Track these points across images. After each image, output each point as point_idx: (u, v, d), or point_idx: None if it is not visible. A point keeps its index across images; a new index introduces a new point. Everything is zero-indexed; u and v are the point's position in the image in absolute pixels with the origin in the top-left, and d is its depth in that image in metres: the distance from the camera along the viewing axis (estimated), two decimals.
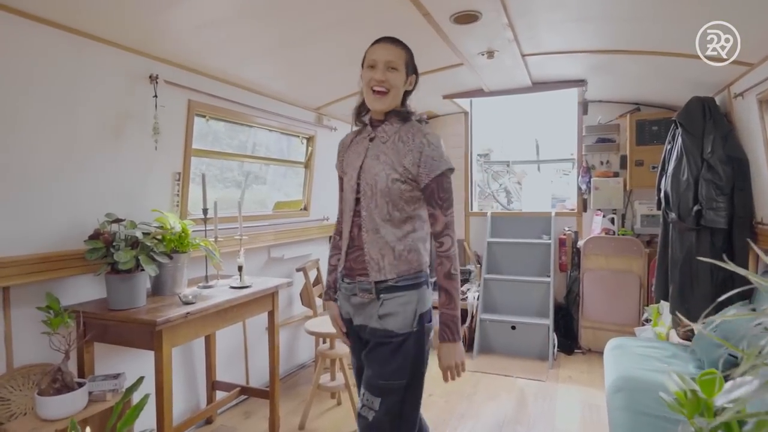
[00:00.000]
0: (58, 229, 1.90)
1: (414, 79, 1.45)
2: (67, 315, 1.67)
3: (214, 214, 2.42)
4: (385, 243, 1.38)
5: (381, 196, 1.37)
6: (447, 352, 1.37)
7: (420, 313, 1.38)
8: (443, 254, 1.37)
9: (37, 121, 1.77)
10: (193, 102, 2.40)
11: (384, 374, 1.35)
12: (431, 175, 1.35)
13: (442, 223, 1.37)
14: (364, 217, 1.40)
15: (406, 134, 1.39)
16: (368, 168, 1.41)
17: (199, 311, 1.93)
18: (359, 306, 1.44)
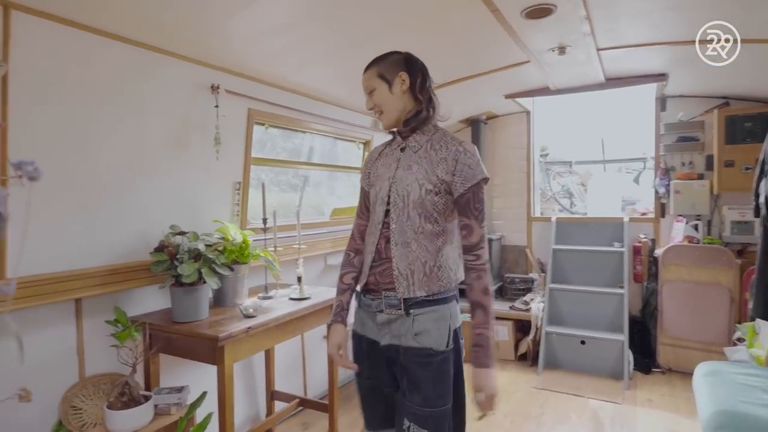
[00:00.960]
0: (127, 241, 1.93)
1: (405, 75, 1.35)
2: (134, 328, 1.67)
3: (273, 223, 2.39)
4: (416, 258, 1.30)
5: (413, 207, 1.30)
6: (486, 378, 1.25)
7: (454, 329, 1.31)
8: (480, 267, 1.28)
9: (108, 134, 1.79)
10: (252, 110, 2.38)
11: (430, 400, 1.26)
12: (467, 184, 1.28)
13: (477, 234, 1.29)
14: (394, 229, 1.32)
15: (439, 142, 1.33)
16: (400, 179, 1.34)
17: (259, 325, 1.89)
18: (386, 324, 1.33)
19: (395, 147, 1.42)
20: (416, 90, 1.35)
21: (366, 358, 1.40)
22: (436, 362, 1.26)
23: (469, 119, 4.23)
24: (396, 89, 1.35)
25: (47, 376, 1.73)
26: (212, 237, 2.09)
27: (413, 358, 1.28)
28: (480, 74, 2.95)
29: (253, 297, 2.31)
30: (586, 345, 3.50)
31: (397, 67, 1.35)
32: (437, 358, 1.26)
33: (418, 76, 1.36)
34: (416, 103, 1.36)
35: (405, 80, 1.35)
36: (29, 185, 1.53)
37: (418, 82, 1.35)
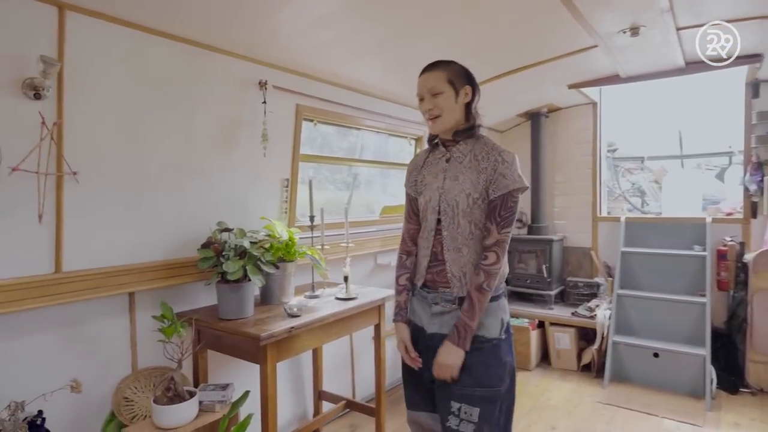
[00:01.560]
0: (177, 237, 1.95)
1: (470, 89, 1.43)
2: (179, 324, 1.67)
3: (321, 220, 2.34)
4: (467, 261, 1.40)
5: (462, 216, 1.40)
6: (447, 351, 1.36)
7: (506, 322, 1.43)
8: (484, 267, 1.36)
9: (158, 132, 1.82)
10: (301, 106, 2.35)
11: (482, 380, 1.36)
12: (497, 192, 1.37)
13: (493, 238, 1.37)
14: (446, 236, 1.43)
15: (481, 152, 1.40)
16: (449, 189, 1.43)
17: (303, 325, 1.84)
18: (438, 315, 1.44)
19: (440, 157, 1.49)
20: (472, 106, 1.44)
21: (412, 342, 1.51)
22: (489, 347, 1.38)
23: (529, 112, 4.00)
24: (460, 100, 1.41)
25: (104, 368, 1.78)
26: (259, 234, 2.07)
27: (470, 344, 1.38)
28: (540, 63, 2.75)
29: (299, 295, 2.28)
30: (660, 358, 3.17)
31: (464, 79, 1.42)
32: (489, 343, 1.38)
33: (477, 94, 1.45)
34: (468, 118, 1.44)
35: (468, 94, 1.42)
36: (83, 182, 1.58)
37: (476, 99, 1.45)
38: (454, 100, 1.40)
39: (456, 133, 1.43)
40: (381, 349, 2.38)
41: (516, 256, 4.01)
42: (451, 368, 1.35)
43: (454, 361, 1.35)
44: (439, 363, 1.36)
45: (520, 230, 4.14)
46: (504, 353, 1.40)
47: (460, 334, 1.35)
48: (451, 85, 1.39)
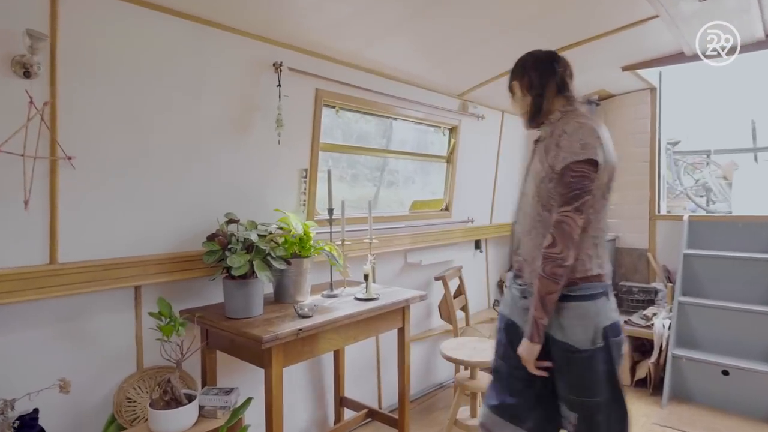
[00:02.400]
0: (184, 228, 1.83)
1: (516, 83, 1.51)
2: (178, 322, 1.55)
3: (341, 214, 2.17)
4: (534, 246, 1.37)
5: (533, 196, 1.39)
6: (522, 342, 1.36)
7: (603, 327, 1.30)
8: (542, 251, 1.31)
9: (162, 116, 1.70)
10: (320, 91, 2.18)
11: (574, 388, 1.33)
12: (556, 168, 1.31)
13: (553, 218, 1.31)
14: (520, 218, 1.46)
15: (558, 128, 1.36)
16: (530, 169, 1.45)
17: (313, 327, 1.67)
18: (526, 310, 1.40)
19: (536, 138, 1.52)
20: (526, 92, 1.48)
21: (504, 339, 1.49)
22: (580, 359, 1.30)
23: None
24: (516, 97, 1.53)
25: (106, 366, 1.69)
26: (270, 227, 1.92)
27: (558, 349, 1.34)
28: (589, 39, 2.44)
29: (317, 294, 2.11)
30: (731, 377, 2.77)
31: (513, 77, 1.53)
32: (581, 355, 1.29)
33: (525, 78, 1.48)
34: (529, 104, 1.48)
35: (516, 90, 1.52)
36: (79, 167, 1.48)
37: (526, 82, 1.48)
38: (512, 101, 1.56)
39: (530, 123, 1.50)
40: (405, 354, 2.18)
41: None
42: (526, 362, 1.35)
43: (525, 354, 1.34)
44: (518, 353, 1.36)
45: None
46: (599, 363, 1.30)
47: (529, 327, 1.33)
48: (510, 91, 1.56)
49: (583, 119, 1.32)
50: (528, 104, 1.47)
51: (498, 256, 3.91)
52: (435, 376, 3.19)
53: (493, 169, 3.57)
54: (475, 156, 3.34)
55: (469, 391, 2.26)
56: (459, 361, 2.22)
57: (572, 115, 1.37)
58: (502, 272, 3.94)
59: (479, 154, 3.38)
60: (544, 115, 1.44)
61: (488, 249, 3.78)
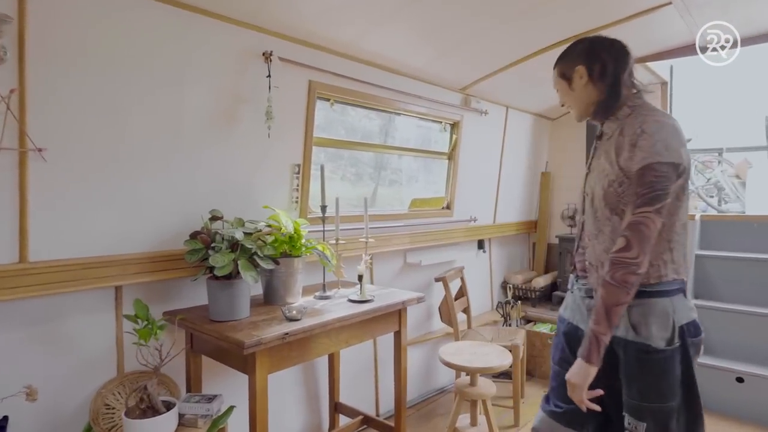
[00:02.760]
0: (167, 226, 1.74)
1: (582, 68, 1.31)
2: (156, 325, 1.45)
3: (336, 212, 2.07)
4: (604, 250, 1.27)
5: (599, 199, 1.28)
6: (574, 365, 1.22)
7: (680, 325, 1.21)
8: (611, 255, 1.19)
9: (142, 107, 1.61)
10: (314, 83, 2.08)
11: (646, 395, 1.21)
12: (631, 169, 1.18)
13: (627, 221, 1.19)
14: (585, 221, 1.37)
15: (629, 126, 1.23)
16: (593, 169, 1.34)
17: (301, 331, 1.57)
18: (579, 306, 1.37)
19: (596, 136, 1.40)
20: (596, 79, 1.30)
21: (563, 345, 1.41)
22: (655, 360, 1.19)
23: None
24: (576, 85, 1.33)
25: (84, 370, 1.60)
26: (258, 224, 1.82)
27: (630, 351, 1.23)
28: (597, 29, 2.32)
29: (309, 296, 2.02)
30: (745, 384, 2.64)
31: (576, 60, 1.32)
32: (656, 356, 1.19)
33: (598, 65, 1.30)
34: (598, 93, 1.30)
35: (583, 74, 1.31)
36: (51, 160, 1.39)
37: (597, 70, 1.30)
38: (569, 89, 1.34)
39: (594, 114, 1.34)
40: (402, 359, 2.08)
41: (568, 258, 3.55)
42: (575, 388, 1.20)
43: (577, 380, 1.19)
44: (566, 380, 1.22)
45: (573, 229, 3.68)
46: (676, 364, 1.19)
47: (586, 343, 1.19)
48: (563, 78, 1.35)
49: (661, 117, 1.20)
50: (597, 94, 1.30)
51: (502, 256, 3.79)
52: (435, 381, 3.08)
53: (497, 166, 3.45)
54: (478, 153, 3.23)
55: (469, 398, 2.15)
56: (458, 367, 2.11)
57: (643, 110, 1.24)
58: (507, 273, 3.82)
59: (482, 151, 3.27)
60: (607, 111, 1.30)
61: (492, 249, 3.66)
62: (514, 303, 3.42)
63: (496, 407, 2.71)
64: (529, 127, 3.70)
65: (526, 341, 3.23)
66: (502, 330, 2.96)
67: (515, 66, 2.67)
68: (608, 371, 1.27)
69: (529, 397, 2.98)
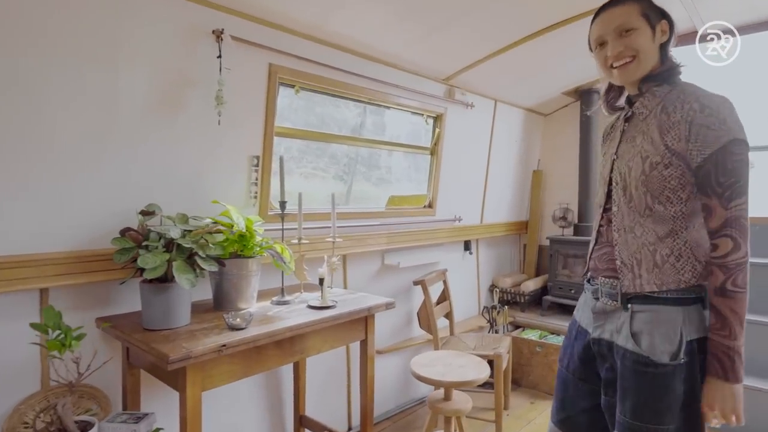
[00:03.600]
0: (97, 222, 1.56)
1: (666, 25, 1.14)
2: (72, 335, 1.26)
3: (299, 209, 1.88)
4: (642, 245, 1.12)
5: (637, 186, 1.13)
6: (713, 390, 1.05)
7: (690, 339, 1.07)
8: (717, 261, 1.05)
9: (68, 89, 1.42)
10: (275, 66, 1.90)
11: (640, 414, 1.08)
12: (705, 152, 1.03)
13: (720, 217, 1.05)
14: (615, 212, 1.19)
15: (673, 103, 1.09)
16: (623, 153, 1.18)
17: (242, 342, 1.38)
18: (601, 314, 1.20)
19: (622, 116, 1.24)
20: (669, 46, 1.15)
21: (571, 348, 1.30)
22: (654, 375, 1.07)
23: (578, 89, 3.35)
24: (657, 38, 1.13)
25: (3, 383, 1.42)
26: (204, 221, 1.64)
27: (627, 362, 1.11)
28: (589, 12, 2.14)
29: (266, 300, 1.83)
30: None
31: (659, 13, 1.15)
32: (657, 370, 1.06)
33: (674, 31, 1.16)
34: (663, 63, 1.14)
35: (666, 31, 1.14)
36: None
37: (674, 37, 1.16)
38: (651, 38, 1.12)
39: (644, 81, 1.14)
40: (369, 369, 1.89)
41: (560, 260, 3.36)
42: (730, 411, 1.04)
43: (726, 404, 1.03)
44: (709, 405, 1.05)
45: (564, 230, 3.49)
46: (678, 382, 1.06)
47: (722, 362, 1.03)
48: (647, 21, 1.12)
49: (715, 93, 1.07)
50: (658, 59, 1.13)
51: (490, 258, 3.61)
52: (415, 391, 2.89)
53: (484, 164, 3.27)
54: (464, 149, 3.04)
55: (442, 413, 1.96)
56: (429, 381, 1.92)
57: (688, 87, 1.10)
58: (495, 276, 3.63)
59: (468, 147, 3.08)
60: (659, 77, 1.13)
61: (479, 251, 3.47)
62: (500, 308, 3.23)
63: (477, 420, 2.52)
64: (519, 123, 3.51)
65: (512, 349, 3.05)
66: (486, 337, 2.77)
67: (505, 52, 2.47)
68: (607, 384, 1.18)
69: (515, 409, 2.79)
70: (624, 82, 1.17)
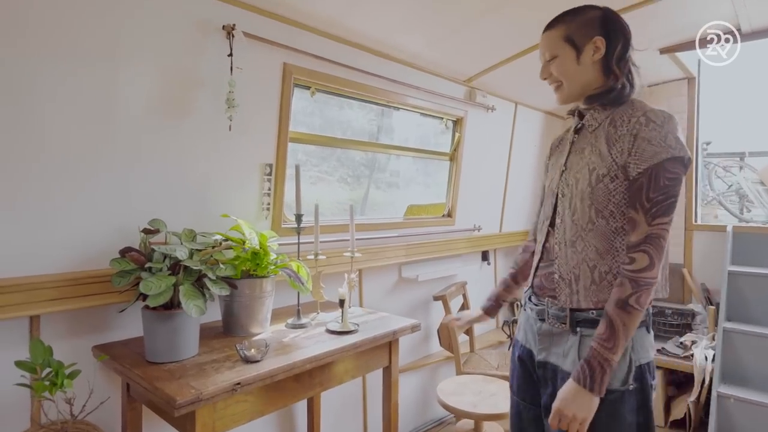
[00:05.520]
0: (95, 240, 1.39)
1: (602, 41, 1.07)
2: (63, 374, 1.10)
3: (315, 221, 1.72)
4: (582, 260, 1.08)
5: (582, 198, 1.08)
6: (571, 394, 1.00)
7: (639, 365, 1.04)
8: (630, 275, 1.00)
9: (64, 94, 1.26)
10: (290, 66, 1.74)
11: None
12: (642, 166, 1.00)
13: (642, 233, 1.01)
14: (559, 225, 1.15)
15: (621, 116, 1.06)
16: (571, 165, 1.15)
17: (258, 379, 1.21)
18: (546, 336, 1.14)
19: (571, 129, 1.21)
20: (613, 60, 1.09)
21: (519, 371, 1.24)
22: (604, 402, 1.01)
23: None
24: (586, 58, 1.09)
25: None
26: (213, 238, 1.48)
27: None
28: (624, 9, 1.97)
29: (281, 323, 1.67)
30: None
31: (592, 29, 1.09)
32: (606, 397, 1.01)
33: (619, 42, 1.09)
34: (608, 77, 1.10)
35: (600, 47, 1.09)
36: None
37: (618, 50, 1.09)
38: (575, 61, 1.09)
39: (590, 98, 1.12)
40: (392, 396, 1.73)
41: None
42: (576, 421, 0.99)
43: (580, 413, 0.99)
44: (559, 410, 1.01)
45: None
46: (629, 409, 1.03)
47: (593, 372, 0.99)
48: (570, 44, 1.09)
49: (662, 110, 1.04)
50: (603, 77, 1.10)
51: (508, 268, 3.43)
52: (433, 411, 2.72)
53: (504, 169, 3.10)
54: (484, 154, 2.88)
55: None
56: (460, 412, 1.76)
57: (637, 102, 1.08)
58: None
59: (488, 152, 2.92)
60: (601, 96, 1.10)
61: (497, 261, 3.31)
62: None
63: None
64: (539, 127, 3.35)
65: None
66: (508, 354, 2.60)
67: (528, 54, 2.31)
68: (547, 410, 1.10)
69: None
70: (560, 103, 1.17)
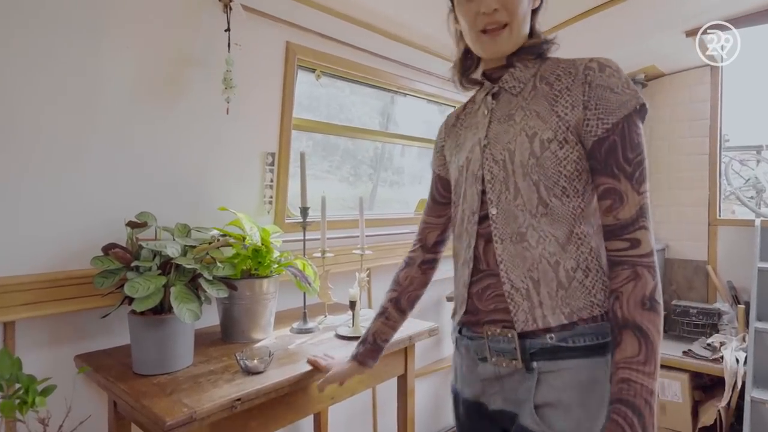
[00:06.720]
0: (79, 237, 1.24)
1: None
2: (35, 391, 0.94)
3: (322, 215, 1.57)
4: (540, 257, 0.79)
5: (525, 173, 0.81)
6: None
7: None
8: (639, 260, 0.74)
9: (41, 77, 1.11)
10: (293, 45, 1.58)
11: None
12: (610, 119, 0.77)
13: (635, 204, 0.75)
14: (495, 217, 0.84)
15: (554, 70, 0.85)
16: (496, 137, 0.86)
17: (262, 393, 1.06)
18: (494, 380, 0.85)
19: (482, 96, 0.94)
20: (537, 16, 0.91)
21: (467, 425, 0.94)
22: None
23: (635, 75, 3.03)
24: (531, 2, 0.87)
25: None
26: (210, 233, 1.32)
27: None
28: None
29: (286, 327, 1.52)
30: None
31: None
32: None
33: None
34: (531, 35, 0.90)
35: None
36: None
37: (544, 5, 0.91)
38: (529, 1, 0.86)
39: (512, 56, 0.89)
40: (407, 405, 1.57)
41: None
42: None
43: None
44: None
45: None
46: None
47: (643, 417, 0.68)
48: None
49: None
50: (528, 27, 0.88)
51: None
52: (447, 417, 2.57)
53: None
54: None
55: None
56: None
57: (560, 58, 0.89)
58: None
59: None
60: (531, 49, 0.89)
61: None
62: None
63: None
64: None
65: None
66: None
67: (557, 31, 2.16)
68: None
69: None
70: (494, 52, 0.87)
